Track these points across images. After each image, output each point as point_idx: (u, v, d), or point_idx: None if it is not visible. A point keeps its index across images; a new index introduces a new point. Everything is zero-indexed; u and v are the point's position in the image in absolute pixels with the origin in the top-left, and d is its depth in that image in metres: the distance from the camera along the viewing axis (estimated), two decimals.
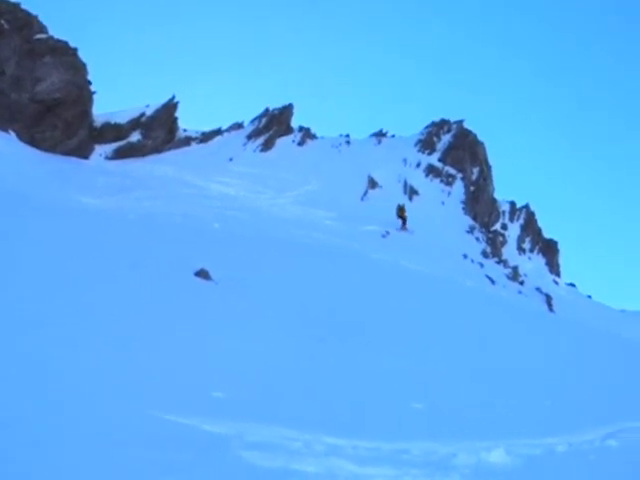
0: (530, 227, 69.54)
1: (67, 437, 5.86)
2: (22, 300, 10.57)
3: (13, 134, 41.84)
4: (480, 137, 71.62)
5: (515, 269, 52.07)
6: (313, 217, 41.56)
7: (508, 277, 48.55)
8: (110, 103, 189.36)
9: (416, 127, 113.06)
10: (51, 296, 11.50)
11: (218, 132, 64.68)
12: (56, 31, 49.24)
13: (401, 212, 44.32)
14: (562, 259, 70.04)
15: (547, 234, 71.03)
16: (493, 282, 42.28)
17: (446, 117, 74.06)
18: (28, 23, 46.67)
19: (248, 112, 70.67)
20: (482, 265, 46.32)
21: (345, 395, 10.24)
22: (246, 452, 6.38)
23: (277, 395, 9.31)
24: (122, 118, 55.46)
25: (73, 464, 5.30)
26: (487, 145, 72.44)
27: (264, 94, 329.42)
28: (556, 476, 7.53)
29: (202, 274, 16.71)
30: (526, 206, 72.08)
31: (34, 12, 47.96)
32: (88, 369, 8.22)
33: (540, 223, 71.50)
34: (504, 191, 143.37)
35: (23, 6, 46.96)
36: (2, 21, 44.25)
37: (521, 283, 49.43)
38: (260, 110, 68.29)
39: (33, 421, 6.08)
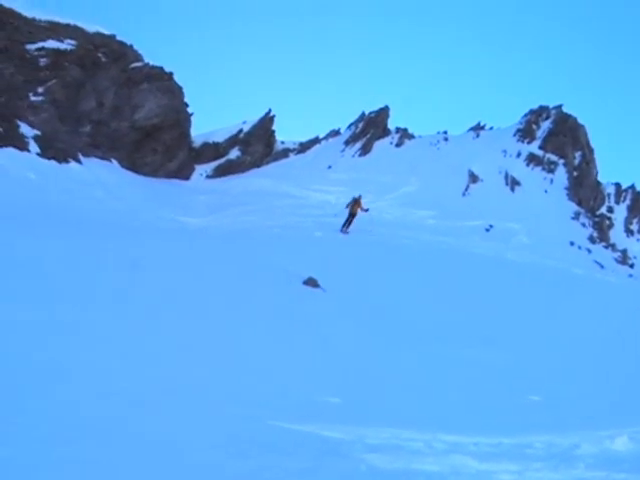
0: (637, 207, 67.08)
1: (192, 446, 5.95)
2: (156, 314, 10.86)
3: (115, 162, 43.16)
4: (580, 120, 69.74)
5: (624, 252, 50.89)
6: (414, 217, 41.41)
7: (617, 261, 47.49)
8: (207, 122, 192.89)
9: (514, 117, 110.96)
10: (174, 306, 11.83)
11: (316, 141, 65.23)
12: (151, 56, 50.65)
13: (355, 205, 32.19)
14: None
15: None
16: (602, 267, 41.28)
17: (544, 103, 72.46)
18: (124, 53, 48.17)
19: (345, 118, 71.18)
20: (590, 251, 45.30)
21: (459, 392, 10.12)
22: (367, 455, 6.33)
23: (391, 397, 9.26)
24: (220, 137, 56.67)
25: (196, 472, 5.37)
26: (588, 128, 70.38)
27: (359, 98, 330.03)
28: None
29: (310, 282, 16.82)
30: (632, 186, 69.66)
31: (129, 42, 49.49)
32: (206, 376, 8.37)
33: None
34: (608, 173, 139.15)
35: (118, 37, 48.47)
36: (99, 54, 45.75)
37: (631, 266, 48.24)
38: (356, 115, 68.55)
39: (151, 427, 6.19)
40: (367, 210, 31.79)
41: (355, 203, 32.09)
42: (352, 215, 31.83)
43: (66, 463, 4.90)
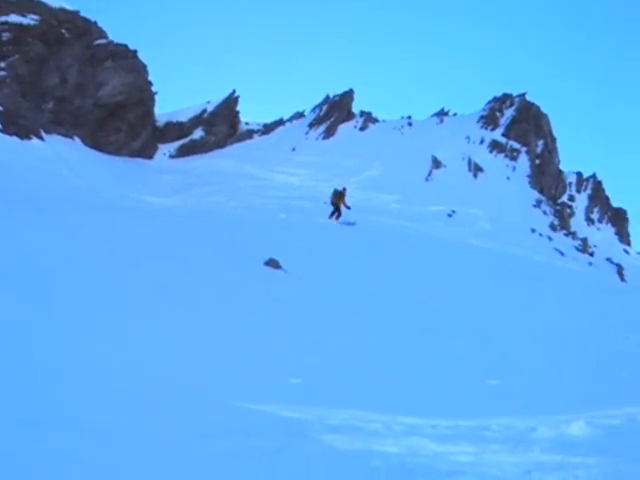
0: (598, 197, 68.14)
1: (150, 430, 5.99)
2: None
3: (78, 140, 42.73)
4: (543, 109, 70.19)
5: (584, 240, 51.47)
6: (378, 201, 41.51)
7: (577, 249, 48.00)
8: (172, 101, 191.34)
9: (478, 104, 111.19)
10: (135, 291, 11.82)
11: (280, 123, 65.09)
12: (115, 33, 50.21)
13: (338, 199, 31.30)
14: (632, 228, 68.44)
15: (615, 203, 69.42)
16: (562, 255, 41.79)
17: (508, 91, 72.81)
18: (88, 30, 47.59)
19: (309, 100, 71.15)
20: (551, 238, 45.80)
21: (419, 376, 10.22)
22: (327, 436, 6.38)
23: (352, 379, 9.34)
24: (184, 116, 56.35)
25: (157, 457, 5.41)
26: (551, 116, 70.83)
27: (324, 81, 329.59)
28: (638, 445, 7.46)
29: (272, 263, 16.84)
30: (593, 176, 70.85)
31: (93, 18, 48.96)
32: (164, 360, 8.39)
33: (608, 192, 69.98)
34: (570, 162, 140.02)
35: (82, 13, 47.90)
36: (62, 30, 45.18)
37: (591, 254, 48.80)
38: (321, 97, 68.48)
39: (114, 415, 6.23)
40: (349, 208, 31.34)
41: (339, 197, 31.26)
42: (336, 208, 31.13)
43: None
